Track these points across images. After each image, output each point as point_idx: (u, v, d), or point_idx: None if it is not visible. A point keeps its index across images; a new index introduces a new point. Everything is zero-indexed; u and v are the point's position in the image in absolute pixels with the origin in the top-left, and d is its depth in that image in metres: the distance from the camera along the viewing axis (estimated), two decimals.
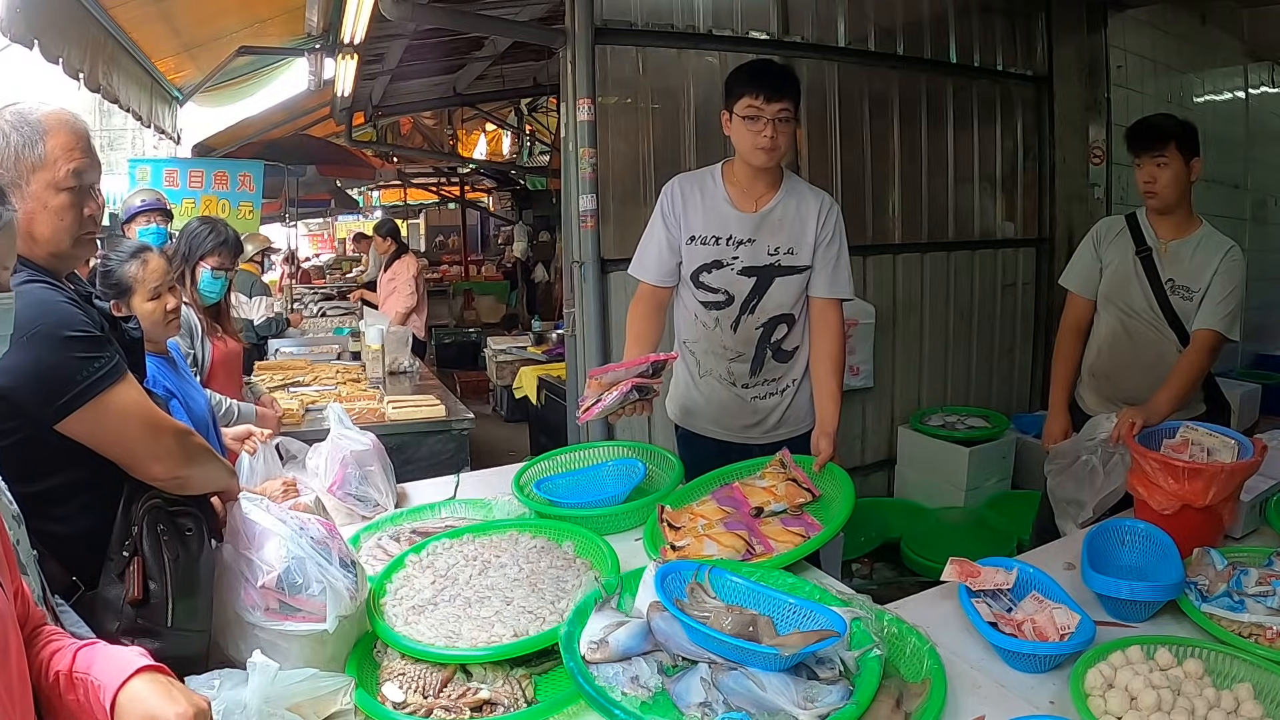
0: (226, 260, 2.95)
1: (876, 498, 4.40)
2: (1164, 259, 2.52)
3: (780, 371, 2.40)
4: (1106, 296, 2.64)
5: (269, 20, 4.59)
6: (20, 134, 1.34)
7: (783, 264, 2.30)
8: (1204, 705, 1.27)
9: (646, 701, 1.28)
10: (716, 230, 2.30)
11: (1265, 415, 5.09)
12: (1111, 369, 2.63)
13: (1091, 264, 2.68)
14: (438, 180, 13.07)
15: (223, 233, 3.00)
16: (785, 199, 2.30)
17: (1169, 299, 2.50)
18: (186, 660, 1.38)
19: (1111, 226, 2.68)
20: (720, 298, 2.32)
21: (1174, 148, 2.42)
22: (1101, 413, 2.57)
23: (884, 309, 4.29)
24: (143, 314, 2.14)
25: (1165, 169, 2.44)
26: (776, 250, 2.29)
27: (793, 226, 2.29)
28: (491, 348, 6.75)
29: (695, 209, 2.32)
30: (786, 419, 2.42)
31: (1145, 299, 2.53)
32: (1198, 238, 2.51)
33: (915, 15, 4.34)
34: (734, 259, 2.30)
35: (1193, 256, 2.48)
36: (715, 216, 2.31)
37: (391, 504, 2.24)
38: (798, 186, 2.36)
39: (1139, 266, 2.54)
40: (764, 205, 2.30)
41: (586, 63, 3.40)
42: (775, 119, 2.18)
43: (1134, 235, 2.58)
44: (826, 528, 1.82)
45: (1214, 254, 2.46)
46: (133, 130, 11.40)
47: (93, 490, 1.38)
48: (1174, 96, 5.19)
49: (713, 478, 2.12)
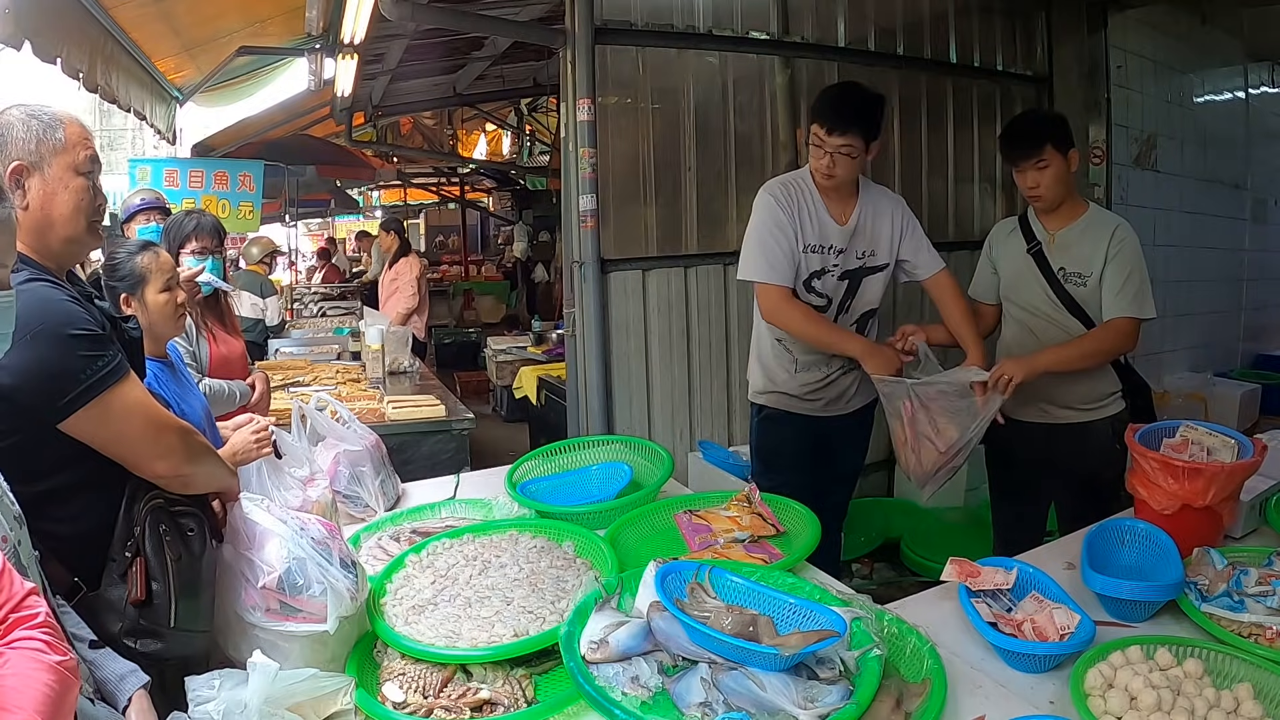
0: (207, 242, 2.94)
1: (876, 498, 4.39)
2: (1053, 250, 2.52)
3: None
4: (1006, 297, 2.65)
5: (269, 20, 4.59)
6: (40, 121, 1.39)
7: (868, 265, 2.53)
8: (1204, 705, 1.27)
9: (646, 701, 1.28)
10: (821, 240, 2.49)
11: (1265, 415, 5.09)
12: None
13: (987, 269, 2.71)
14: (438, 180, 13.06)
15: (196, 217, 3.01)
16: (864, 207, 2.50)
17: (1064, 288, 2.49)
18: (188, 661, 1.39)
19: (1004, 229, 2.70)
20: (823, 301, 2.54)
21: (1050, 148, 2.41)
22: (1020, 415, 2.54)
23: (884, 308, 4.25)
24: (155, 306, 2.13)
25: (1046, 170, 2.43)
26: (863, 254, 2.52)
27: (874, 231, 2.51)
28: (491, 348, 6.75)
29: (807, 218, 2.48)
30: (861, 390, 2.65)
31: (1042, 293, 2.52)
32: (1084, 222, 2.50)
33: (915, 15, 4.34)
34: (835, 265, 2.51)
35: (1080, 241, 2.48)
36: (820, 226, 2.49)
37: (381, 506, 2.24)
38: (871, 191, 2.55)
39: (1030, 263, 2.54)
40: (850, 215, 2.49)
41: (586, 63, 3.40)
42: (836, 152, 2.34)
43: (1025, 233, 2.59)
44: (789, 556, 1.78)
45: (1101, 237, 2.45)
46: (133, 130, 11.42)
47: (95, 490, 1.38)
48: (1174, 96, 5.19)
49: (678, 502, 2.10)
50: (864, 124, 2.33)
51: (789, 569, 1.70)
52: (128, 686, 1.21)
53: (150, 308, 2.12)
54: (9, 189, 1.34)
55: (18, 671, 0.97)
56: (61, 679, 1.00)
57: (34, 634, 1.01)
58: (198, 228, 2.94)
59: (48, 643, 1.02)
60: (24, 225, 1.39)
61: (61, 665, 1.01)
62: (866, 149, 2.38)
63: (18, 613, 1.02)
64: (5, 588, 1.03)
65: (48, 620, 1.05)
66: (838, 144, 2.32)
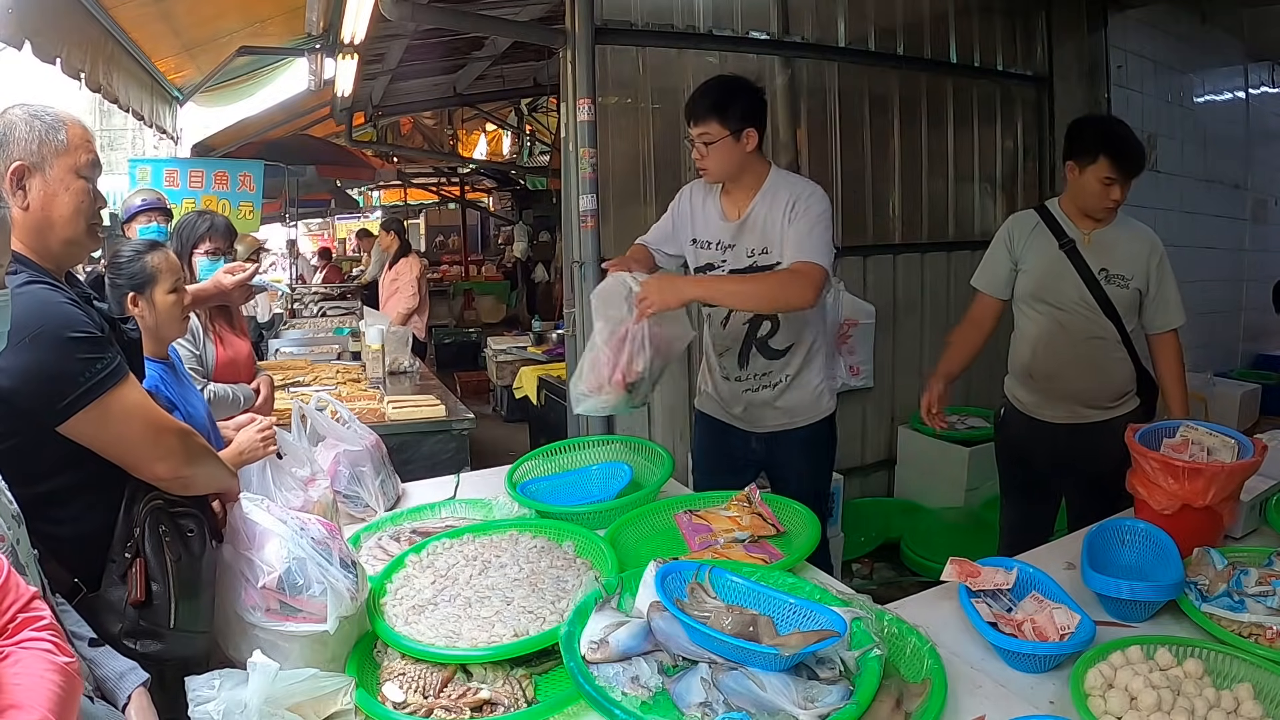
0: (219, 244, 2.94)
1: (876, 498, 4.40)
2: (1089, 249, 2.51)
3: (770, 367, 2.49)
4: (1034, 294, 2.59)
5: (269, 20, 4.59)
6: (42, 121, 1.39)
7: (759, 264, 2.39)
8: (1204, 705, 1.27)
9: (647, 701, 1.28)
10: (708, 235, 2.47)
11: (1265, 415, 5.09)
12: (1052, 368, 2.58)
13: (1004, 263, 2.64)
14: (438, 180, 13.06)
15: (209, 218, 3.02)
16: (760, 202, 2.39)
17: (1103, 289, 2.49)
18: (188, 661, 1.39)
19: (1025, 223, 2.62)
20: None
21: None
22: (1041, 413, 2.59)
23: (884, 309, 4.28)
24: (163, 306, 2.13)
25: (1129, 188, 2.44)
26: (753, 252, 2.40)
27: (765, 227, 2.38)
28: (491, 348, 6.75)
29: (699, 212, 2.50)
30: (781, 410, 2.51)
31: (1078, 291, 2.51)
32: (1119, 225, 2.52)
33: (915, 15, 4.33)
34: (723, 262, 2.44)
35: (1120, 244, 2.49)
36: (707, 221, 2.48)
37: (381, 506, 2.23)
38: (776, 186, 2.38)
39: (1065, 260, 2.52)
40: (744, 211, 2.40)
41: (586, 63, 3.39)
42: (698, 141, 2.33)
43: (1052, 229, 2.55)
44: (788, 557, 1.77)
45: (1144, 244, 2.49)
46: (133, 130, 11.42)
47: (95, 492, 1.38)
48: (1174, 96, 5.19)
49: (678, 502, 2.10)
50: (719, 111, 2.28)
51: (789, 569, 1.69)
52: (127, 684, 1.21)
53: (158, 308, 2.12)
54: (9, 189, 1.35)
55: (30, 671, 0.98)
56: (69, 680, 1.01)
57: (42, 635, 1.03)
58: (211, 229, 2.94)
59: (56, 644, 1.03)
60: (24, 226, 1.39)
61: (69, 667, 1.02)
62: (737, 137, 2.30)
63: (25, 613, 1.04)
64: (12, 589, 1.04)
65: (53, 623, 1.06)
66: (696, 133, 2.32)
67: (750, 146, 2.34)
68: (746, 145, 2.33)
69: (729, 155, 2.33)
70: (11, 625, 1.02)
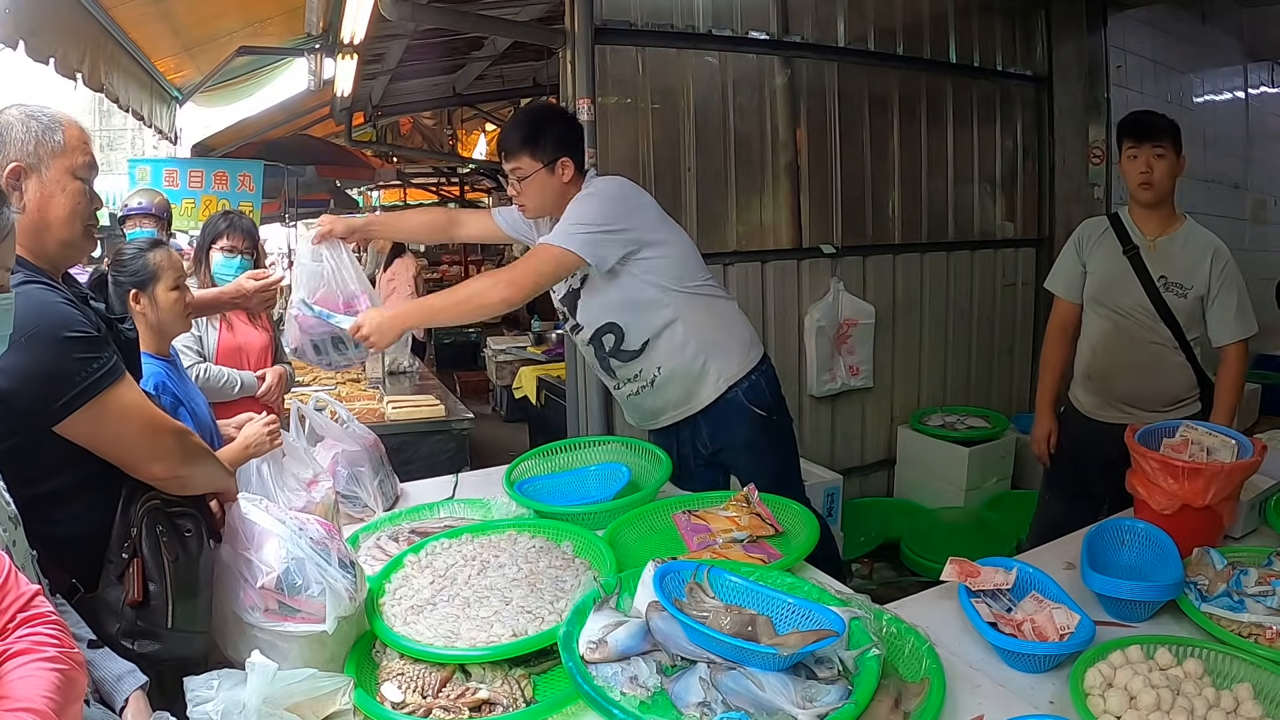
0: (237, 242, 2.97)
1: (876, 498, 4.39)
2: (1152, 256, 2.54)
3: (637, 368, 2.42)
4: (1095, 298, 2.65)
5: (269, 20, 4.59)
6: (39, 122, 1.39)
7: (574, 288, 2.38)
8: (1204, 705, 1.27)
9: (645, 701, 1.27)
10: None
11: (1265, 415, 5.09)
12: (1108, 369, 2.64)
13: (1074, 267, 2.71)
14: (437, 180, 13.05)
15: (231, 217, 3.07)
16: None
17: (1162, 296, 2.51)
18: (187, 661, 1.39)
19: (1095, 228, 2.70)
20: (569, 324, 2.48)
21: (1169, 140, 2.49)
22: (1100, 415, 2.58)
23: (884, 309, 4.28)
24: (166, 304, 2.14)
25: (1162, 160, 2.49)
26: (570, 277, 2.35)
27: None
28: (491, 348, 6.76)
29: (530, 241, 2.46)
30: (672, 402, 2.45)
31: (1137, 297, 2.54)
32: (1184, 234, 2.56)
33: (915, 15, 4.33)
34: (555, 290, 2.41)
35: (1182, 253, 2.52)
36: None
37: (380, 506, 2.23)
38: None
39: (1128, 265, 2.56)
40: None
41: (586, 63, 3.39)
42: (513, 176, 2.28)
43: (1119, 235, 2.60)
44: (787, 557, 1.77)
45: (1205, 253, 2.51)
46: (133, 130, 11.43)
47: (92, 492, 1.38)
48: (1174, 96, 5.18)
49: (676, 502, 2.10)
50: (530, 145, 2.24)
51: (787, 569, 1.69)
52: (125, 687, 1.21)
53: (160, 305, 2.13)
54: (6, 191, 1.34)
55: (28, 668, 0.98)
56: (70, 672, 1.01)
57: (41, 630, 1.03)
58: (230, 227, 2.98)
59: (57, 638, 1.03)
60: (20, 227, 1.38)
61: (70, 658, 1.02)
62: (551, 169, 2.25)
63: (25, 611, 1.03)
64: (13, 588, 1.04)
65: (56, 618, 1.06)
66: (509, 169, 2.28)
67: (566, 177, 2.28)
68: (562, 176, 2.28)
69: (544, 188, 2.28)
70: (12, 624, 1.02)
